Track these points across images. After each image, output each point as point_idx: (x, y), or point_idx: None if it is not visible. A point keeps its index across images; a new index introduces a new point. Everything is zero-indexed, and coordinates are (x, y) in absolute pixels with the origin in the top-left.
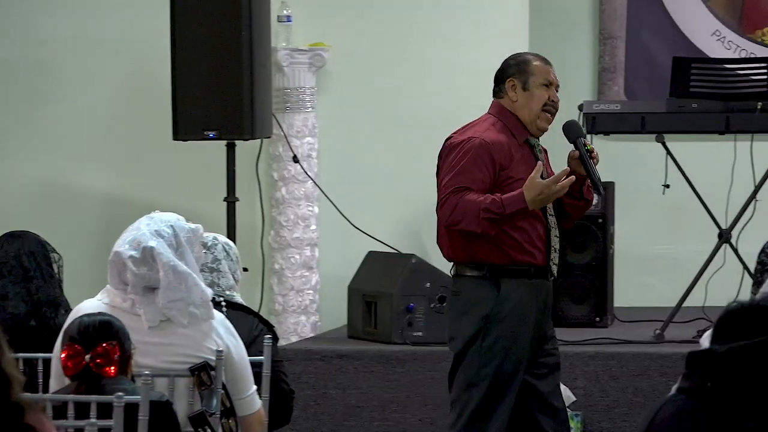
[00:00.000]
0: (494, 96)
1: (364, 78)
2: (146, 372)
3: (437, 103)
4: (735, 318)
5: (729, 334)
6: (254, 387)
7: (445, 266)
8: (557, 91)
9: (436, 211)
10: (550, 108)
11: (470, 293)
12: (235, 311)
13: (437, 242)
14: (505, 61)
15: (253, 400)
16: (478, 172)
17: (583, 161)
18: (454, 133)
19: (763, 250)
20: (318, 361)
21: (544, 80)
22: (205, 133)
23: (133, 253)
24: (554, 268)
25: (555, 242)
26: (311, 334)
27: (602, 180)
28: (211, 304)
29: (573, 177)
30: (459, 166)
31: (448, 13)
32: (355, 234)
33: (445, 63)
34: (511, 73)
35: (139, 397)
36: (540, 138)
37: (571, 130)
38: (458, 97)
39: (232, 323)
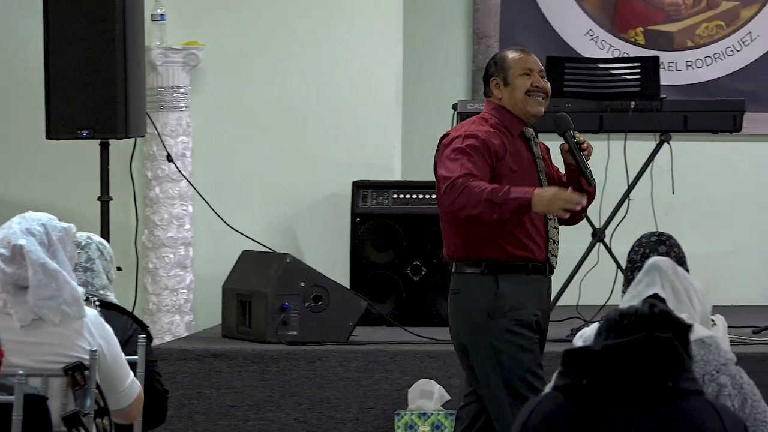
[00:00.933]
0: (485, 97)
1: (238, 77)
2: (20, 372)
3: (312, 101)
4: (617, 321)
5: (606, 331)
6: (131, 376)
7: (320, 265)
8: (543, 77)
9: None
10: (536, 92)
11: (469, 290)
12: (108, 311)
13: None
14: (488, 62)
15: (131, 390)
16: (480, 159)
17: (572, 153)
18: (449, 131)
19: (632, 249)
20: (192, 360)
21: (522, 69)
22: (79, 132)
23: (2, 251)
24: (554, 261)
25: (554, 234)
26: (185, 334)
27: None
28: (82, 302)
29: (585, 199)
30: (461, 154)
31: (323, 12)
32: (229, 233)
33: (319, 61)
34: (492, 72)
35: (12, 397)
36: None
37: (560, 124)
38: (333, 96)
39: (106, 322)
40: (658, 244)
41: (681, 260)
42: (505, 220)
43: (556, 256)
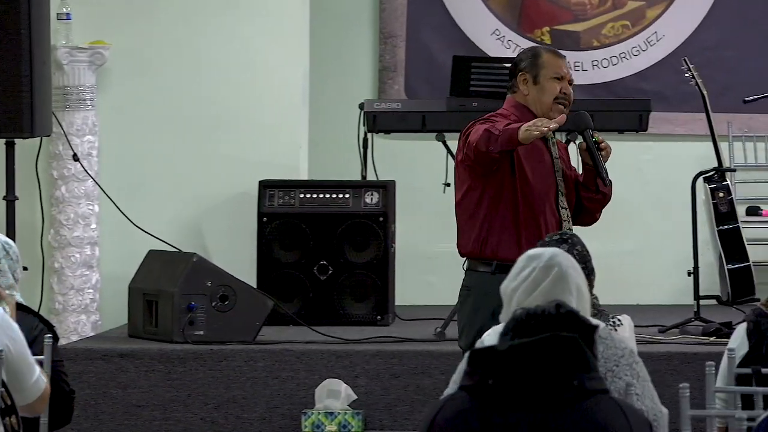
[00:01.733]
0: (508, 91)
1: (144, 76)
2: None
3: (218, 100)
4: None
5: (512, 332)
6: (37, 372)
7: (226, 265)
8: (571, 84)
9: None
10: (563, 100)
11: (481, 289)
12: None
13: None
14: (517, 55)
15: (37, 386)
16: (501, 121)
17: (590, 152)
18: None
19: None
20: (99, 360)
21: (555, 73)
22: None
23: None
24: None
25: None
26: (92, 333)
27: (383, 178)
28: None
29: (564, 118)
30: (481, 124)
31: (229, 11)
32: (135, 232)
33: (225, 60)
34: (523, 67)
35: None
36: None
37: (578, 122)
38: (239, 95)
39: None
40: (561, 242)
41: (584, 258)
42: (494, 156)
43: None
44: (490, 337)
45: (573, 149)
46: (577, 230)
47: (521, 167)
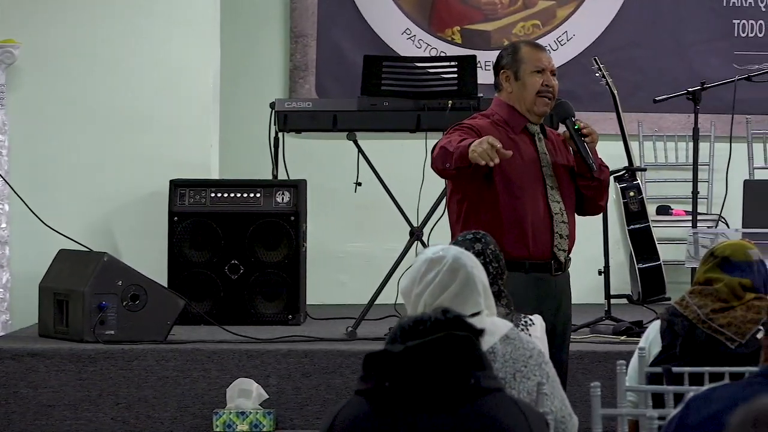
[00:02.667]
0: (495, 90)
1: (55, 75)
2: None
3: (129, 99)
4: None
5: (405, 334)
6: None
7: (137, 264)
8: (554, 75)
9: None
10: (546, 93)
11: None
12: None
13: None
14: (499, 53)
15: None
16: (468, 135)
17: (573, 141)
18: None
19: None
20: (9, 360)
21: (535, 66)
22: None
23: None
24: (562, 255)
25: (561, 229)
26: (1, 333)
27: (294, 178)
28: None
29: (509, 153)
30: (450, 134)
31: (140, 10)
32: (46, 232)
33: (136, 59)
34: (504, 64)
35: None
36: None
37: (559, 112)
38: (150, 94)
39: None
40: (474, 241)
41: (497, 257)
42: (452, 173)
43: (565, 251)
44: None
45: None
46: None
47: (501, 169)
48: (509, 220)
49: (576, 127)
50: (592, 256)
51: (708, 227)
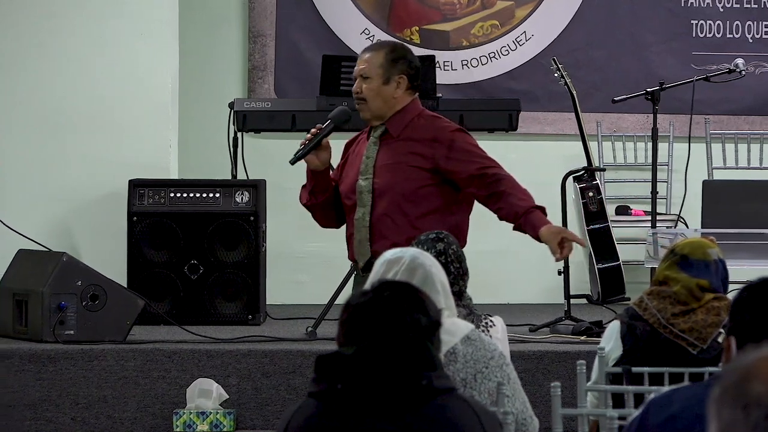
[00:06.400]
0: None
1: (10, 73)
2: None
3: (87, 99)
4: (358, 316)
5: (355, 335)
6: None
7: (97, 264)
8: (365, 78)
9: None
10: (355, 98)
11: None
12: None
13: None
14: None
15: None
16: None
17: (315, 137)
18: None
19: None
20: None
21: (353, 75)
22: None
23: None
24: (361, 261)
25: (362, 234)
26: None
27: (254, 178)
28: None
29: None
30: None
31: (95, 8)
32: (4, 232)
33: (93, 58)
34: None
35: None
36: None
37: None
38: (108, 93)
39: None
40: (436, 241)
41: (459, 258)
42: (314, 198)
43: (363, 255)
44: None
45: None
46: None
47: (340, 177)
48: (348, 222)
49: (326, 131)
50: (551, 256)
51: (667, 227)
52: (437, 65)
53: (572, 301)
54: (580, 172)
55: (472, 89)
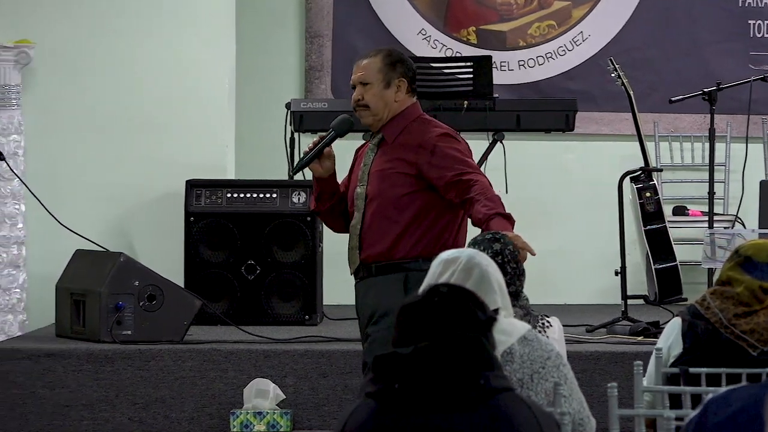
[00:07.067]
0: None
1: (70, 75)
2: None
3: (145, 99)
4: (414, 317)
5: (412, 335)
6: None
7: (154, 264)
8: (364, 85)
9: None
10: (356, 107)
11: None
12: None
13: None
14: None
15: None
16: None
17: (315, 147)
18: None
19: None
20: (26, 360)
21: (351, 83)
22: None
23: None
24: (351, 266)
25: (353, 240)
26: (19, 333)
27: (310, 179)
28: None
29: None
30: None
31: (156, 10)
32: (62, 232)
33: (151, 60)
34: None
35: None
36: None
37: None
38: (166, 94)
39: None
40: (492, 241)
41: (515, 258)
42: (321, 205)
43: (353, 263)
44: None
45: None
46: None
47: (348, 184)
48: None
49: (326, 140)
50: (609, 257)
51: (724, 228)
52: (494, 66)
53: (629, 301)
54: (637, 173)
55: (529, 90)
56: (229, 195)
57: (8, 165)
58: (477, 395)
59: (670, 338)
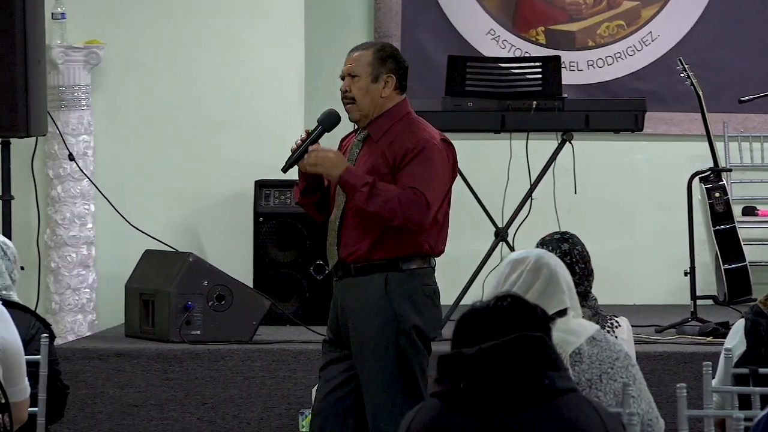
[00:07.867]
0: None
1: (139, 76)
2: None
3: (213, 100)
4: (476, 319)
5: (474, 336)
6: (25, 380)
7: (223, 264)
8: (353, 77)
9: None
10: (343, 98)
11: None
12: (11, 310)
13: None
14: None
15: (24, 390)
16: None
17: (303, 143)
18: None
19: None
20: (95, 360)
21: (341, 74)
22: None
23: None
24: (330, 263)
25: (332, 237)
26: (88, 333)
27: None
28: None
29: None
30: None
31: (225, 11)
32: (131, 232)
33: (220, 60)
34: None
35: None
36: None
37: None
38: (235, 94)
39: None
40: (561, 242)
41: (584, 258)
42: (305, 197)
43: (331, 258)
44: None
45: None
46: (573, 230)
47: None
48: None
49: (312, 136)
50: (678, 257)
51: None
52: (563, 66)
53: (698, 302)
54: (707, 173)
55: (598, 90)
56: None
57: (78, 165)
58: (541, 395)
59: (736, 338)
